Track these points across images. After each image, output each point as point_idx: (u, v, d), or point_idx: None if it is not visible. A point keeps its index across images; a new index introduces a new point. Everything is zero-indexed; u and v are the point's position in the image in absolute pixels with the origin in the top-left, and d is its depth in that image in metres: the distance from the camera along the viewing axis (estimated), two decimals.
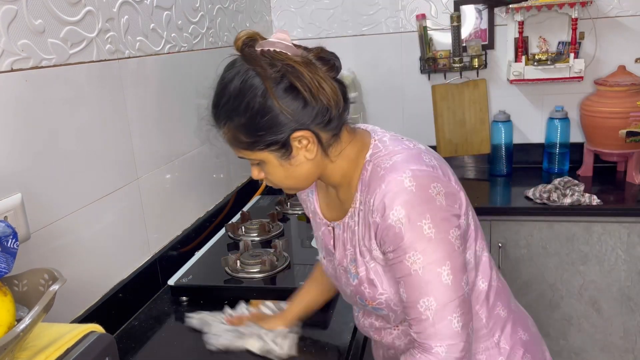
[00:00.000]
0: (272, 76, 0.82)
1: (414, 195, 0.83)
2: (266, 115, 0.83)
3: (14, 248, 0.76)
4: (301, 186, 0.96)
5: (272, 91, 0.82)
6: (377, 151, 0.91)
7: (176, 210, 1.59)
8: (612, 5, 2.15)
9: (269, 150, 0.87)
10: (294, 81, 0.82)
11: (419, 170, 0.86)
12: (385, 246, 0.87)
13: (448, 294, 0.84)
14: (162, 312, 1.36)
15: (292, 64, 0.83)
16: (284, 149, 0.87)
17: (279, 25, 2.46)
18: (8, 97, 0.99)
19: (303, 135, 0.86)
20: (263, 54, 0.84)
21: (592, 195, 1.90)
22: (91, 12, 1.20)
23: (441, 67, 2.28)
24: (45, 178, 1.07)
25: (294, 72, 0.82)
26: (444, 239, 0.84)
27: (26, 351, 0.73)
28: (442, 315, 0.84)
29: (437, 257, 0.83)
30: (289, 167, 0.90)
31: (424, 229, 0.83)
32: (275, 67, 0.82)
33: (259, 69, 0.82)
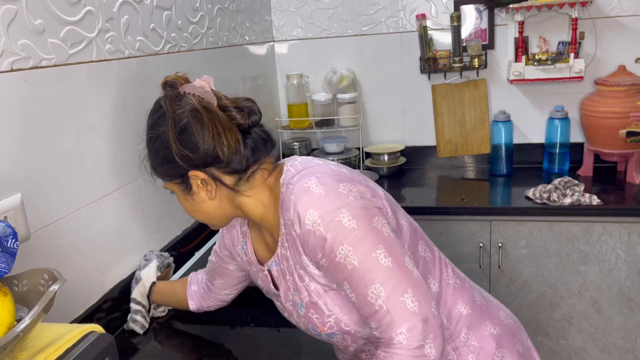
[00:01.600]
0: (176, 116, 0.88)
1: (324, 196, 0.84)
2: (164, 149, 0.90)
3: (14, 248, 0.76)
4: (214, 222, 1.00)
5: (170, 129, 0.88)
6: (289, 174, 0.92)
7: (176, 210, 1.59)
8: (612, 5, 2.15)
9: (172, 182, 0.95)
10: (193, 124, 0.87)
11: (324, 174, 0.88)
12: (314, 254, 0.86)
13: (393, 275, 0.80)
14: None
15: (198, 108, 0.87)
16: (184, 185, 0.93)
17: (279, 25, 2.46)
18: (8, 97, 0.99)
19: (198, 176, 0.90)
20: (179, 95, 0.90)
21: (593, 196, 1.90)
22: (91, 12, 1.20)
23: (441, 67, 2.28)
24: (45, 178, 1.07)
25: (196, 117, 0.87)
26: (368, 226, 0.83)
27: (26, 351, 0.73)
28: (394, 298, 0.80)
29: (367, 244, 0.81)
30: (192, 202, 0.95)
31: (344, 222, 0.82)
32: (181, 108, 0.88)
33: (168, 108, 0.89)
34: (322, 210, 0.83)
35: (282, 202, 0.90)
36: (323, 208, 0.83)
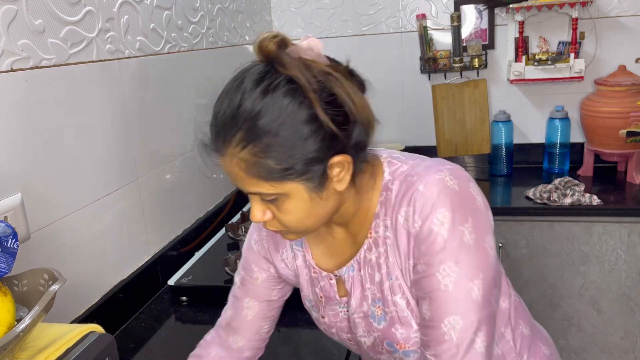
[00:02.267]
0: (314, 87, 0.68)
1: (458, 195, 0.73)
2: (307, 134, 0.68)
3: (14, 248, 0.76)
4: (315, 228, 0.80)
5: (316, 104, 0.67)
6: (396, 167, 0.80)
7: (176, 210, 1.59)
8: (612, 5, 2.14)
9: (301, 179, 0.70)
10: (339, 93, 0.69)
11: (456, 168, 0.76)
12: (418, 257, 0.75)
13: (475, 311, 0.73)
14: (162, 312, 1.36)
15: (332, 73, 0.70)
16: (319, 179, 0.71)
17: (279, 25, 2.46)
18: (8, 97, 0.99)
19: (341, 161, 0.71)
20: (298, 60, 0.70)
21: (593, 195, 1.90)
22: (91, 12, 1.20)
23: (441, 67, 2.28)
24: (45, 178, 1.07)
25: (337, 83, 0.69)
26: (481, 247, 0.73)
27: (26, 351, 0.73)
28: (466, 334, 0.73)
29: (471, 268, 0.72)
30: (317, 203, 0.73)
31: (465, 235, 0.72)
32: (314, 76, 0.69)
33: (299, 77, 0.68)
34: (453, 214, 0.72)
35: (389, 201, 0.77)
36: (455, 211, 0.72)
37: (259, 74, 0.70)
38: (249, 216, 1.77)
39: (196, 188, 1.72)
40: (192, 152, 1.67)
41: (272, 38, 0.71)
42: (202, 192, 1.77)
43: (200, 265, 1.49)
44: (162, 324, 1.31)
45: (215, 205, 1.84)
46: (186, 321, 1.33)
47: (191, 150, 1.68)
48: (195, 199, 1.71)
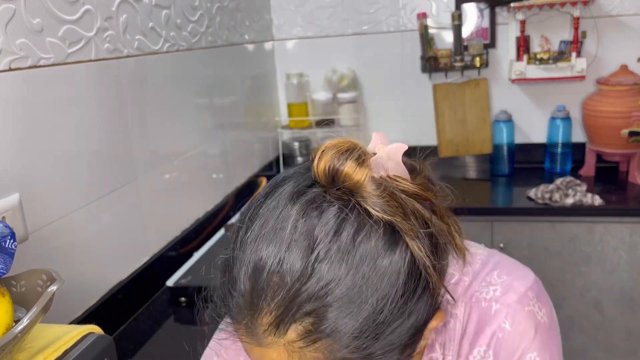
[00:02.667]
0: (414, 229, 0.47)
1: (548, 331, 0.61)
2: (407, 300, 0.46)
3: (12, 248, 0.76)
4: None
5: (422, 253, 0.46)
6: (454, 282, 0.60)
7: (175, 211, 1.59)
8: (614, 4, 2.14)
9: (410, 349, 0.50)
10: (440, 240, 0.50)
11: (537, 285, 0.61)
12: None
13: None
14: (161, 313, 1.35)
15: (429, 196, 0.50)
16: (412, 346, 0.50)
17: (279, 23, 2.45)
18: (6, 96, 0.98)
19: (439, 318, 0.53)
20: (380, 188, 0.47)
21: (594, 196, 1.90)
22: (90, 11, 1.20)
23: (442, 66, 2.28)
24: (43, 178, 1.07)
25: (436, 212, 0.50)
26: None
27: (24, 352, 0.72)
28: None
29: None
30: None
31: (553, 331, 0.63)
32: (408, 214, 0.47)
33: (398, 220, 0.46)
34: (544, 354, 0.60)
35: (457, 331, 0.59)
36: (545, 349, 0.60)
37: (334, 217, 0.45)
38: None
39: (195, 188, 1.71)
40: (192, 151, 1.67)
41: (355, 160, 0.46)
42: (202, 192, 1.76)
43: (199, 266, 1.49)
44: (161, 324, 1.30)
45: (215, 205, 1.83)
46: (185, 322, 1.32)
47: (191, 150, 1.67)
48: (194, 199, 1.71)
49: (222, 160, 1.91)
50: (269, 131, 2.41)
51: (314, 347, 0.44)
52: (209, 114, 1.82)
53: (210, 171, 1.82)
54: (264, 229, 0.46)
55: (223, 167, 1.92)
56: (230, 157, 1.97)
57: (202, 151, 1.74)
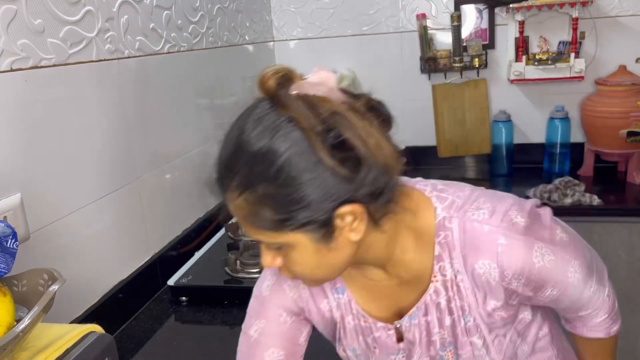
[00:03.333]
0: (317, 129, 0.61)
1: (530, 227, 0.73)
2: (308, 182, 0.61)
3: (14, 248, 0.76)
4: (331, 277, 0.76)
5: (319, 148, 0.60)
6: (448, 204, 0.75)
7: (176, 210, 1.59)
8: (612, 5, 2.14)
9: (303, 230, 0.64)
10: (348, 135, 0.62)
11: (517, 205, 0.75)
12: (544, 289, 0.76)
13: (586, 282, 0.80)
14: (162, 312, 1.36)
15: (341, 112, 0.62)
16: (325, 229, 0.64)
17: (279, 24, 2.45)
18: (7, 97, 0.98)
19: (351, 211, 0.64)
20: (301, 99, 0.63)
21: (593, 196, 1.90)
22: (91, 11, 1.20)
23: (441, 66, 2.28)
24: (44, 178, 1.07)
25: (346, 124, 0.62)
26: (570, 233, 0.79)
27: (26, 351, 0.73)
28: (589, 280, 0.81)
29: (570, 258, 0.76)
30: (326, 254, 0.67)
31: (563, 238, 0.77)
32: (319, 116, 0.62)
33: (300, 119, 0.61)
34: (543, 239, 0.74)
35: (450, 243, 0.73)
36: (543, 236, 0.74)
37: (260, 114, 0.64)
38: None
39: (196, 188, 1.72)
40: (192, 151, 1.67)
41: (273, 74, 0.64)
42: (202, 192, 1.76)
43: (200, 266, 1.49)
44: (161, 324, 1.31)
45: (215, 205, 1.84)
46: (186, 321, 1.33)
47: (191, 150, 1.68)
48: (195, 198, 1.71)
49: None
50: None
51: (242, 199, 0.64)
52: (210, 114, 1.82)
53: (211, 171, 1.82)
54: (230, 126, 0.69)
55: None
56: None
57: (203, 151, 1.75)
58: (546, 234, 0.74)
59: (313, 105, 0.63)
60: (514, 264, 0.72)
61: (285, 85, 0.64)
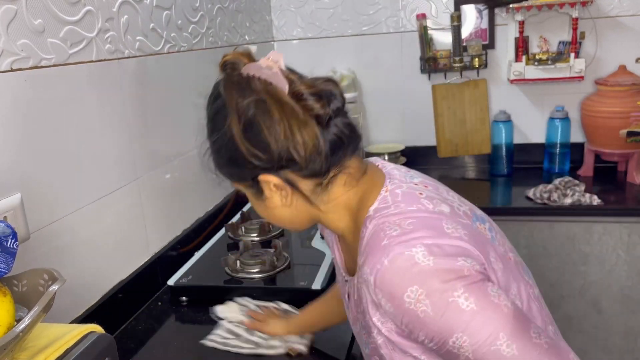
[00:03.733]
0: (240, 107, 0.72)
1: (432, 271, 0.66)
2: (229, 149, 0.75)
3: (14, 248, 0.76)
4: (294, 227, 0.84)
5: (235, 125, 0.72)
6: (384, 207, 0.75)
7: (176, 210, 1.59)
8: (612, 5, 2.14)
9: (240, 184, 0.81)
10: (260, 119, 0.71)
11: (436, 245, 0.68)
12: (413, 332, 0.69)
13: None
14: (162, 312, 1.36)
15: (266, 98, 0.71)
16: (255, 188, 0.78)
17: (279, 24, 2.46)
18: (7, 97, 0.98)
19: (271, 181, 0.75)
20: (241, 80, 0.73)
21: (593, 196, 1.90)
22: (91, 11, 1.20)
23: (441, 66, 2.28)
24: (44, 178, 1.07)
25: (263, 109, 0.71)
26: (487, 303, 0.66)
27: (25, 351, 0.72)
28: None
29: (487, 331, 0.65)
30: (266, 207, 0.80)
31: (460, 303, 0.65)
32: (247, 98, 0.72)
33: (228, 97, 0.73)
34: (430, 289, 0.65)
35: (363, 241, 0.74)
36: (432, 287, 0.65)
37: (214, 88, 0.79)
38: (249, 216, 1.78)
39: (196, 188, 1.72)
40: (192, 151, 1.67)
41: (225, 58, 0.76)
42: (202, 192, 1.77)
43: (200, 266, 1.49)
44: (162, 324, 1.31)
45: (215, 205, 1.84)
46: (186, 321, 1.33)
47: (191, 150, 1.68)
48: (195, 199, 1.71)
49: None
50: None
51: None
52: None
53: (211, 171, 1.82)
54: None
55: None
56: None
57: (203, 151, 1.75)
58: (438, 288, 0.65)
59: (248, 87, 0.73)
60: (385, 287, 0.68)
61: (233, 67, 0.76)
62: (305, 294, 1.31)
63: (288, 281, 1.38)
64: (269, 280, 1.39)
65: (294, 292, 1.33)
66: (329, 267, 1.40)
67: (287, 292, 1.34)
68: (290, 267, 1.44)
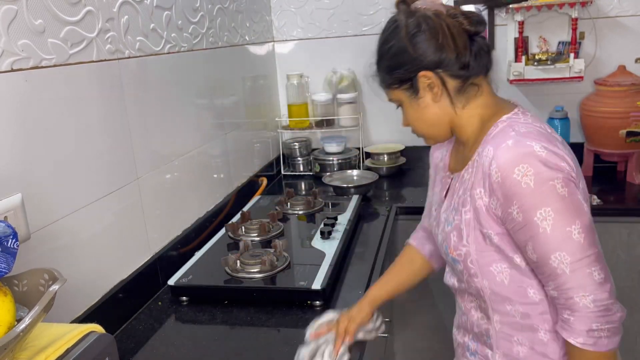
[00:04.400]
0: (410, 23, 0.97)
1: (543, 159, 0.87)
2: (400, 54, 0.98)
3: (14, 248, 0.76)
4: (435, 132, 1.06)
5: (405, 35, 0.96)
6: (516, 118, 0.97)
7: (176, 210, 1.59)
8: (612, 5, 2.15)
9: (400, 88, 1.01)
10: (425, 29, 0.96)
11: (549, 148, 0.88)
12: (506, 202, 0.90)
13: (581, 250, 0.86)
14: (162, 312, 1.36)
15: (429, 15, 0.96)
16: (412, 88, 1.00)
17: (279, 25, 2.46)
18: (8, 97, 0.99)
19: (427, 76, 0.97)
20: (410, 10, 0.98)
21: (592, 196, 1.90)
22: (91, 12, 1.20)
23: None
24: (45, 178, 1.07)
25: (427, 22, 0.96)
26: (574, 199, 0.87)
27: (26, 351, 0.73)
28: (580, 267, 0.86)
29: (568, 215, 0.86)
30: (417, 108, 1.02)
31: (557, 187, 0.86)
32: (413, 17, 0.97)
33: (402, 18, 0.98)
34: (538, 170, 0.86)
35: (490, 135, 0.96)
36: (540, 168, 0.86)
37: (390, 18, 1.03)
38: (249, 216, 1.78)
39: (196, 188, 1.72)
40: (192, 151, 1.68)
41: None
42: (202, 192, 1.77)
43: (200, 265, 1.49)
44: (162, 323, 1.31)
45: (215, 205, 1.84)
46: (186, 321, 1.33)
47: (191, 150, 1.68)
48: (195, 199, 1.71)
49: (223, 160, 1.92)
50: (270, 131, 2.42)
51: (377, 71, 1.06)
52: (210, 114, 1.82)
53: (211, 171, 1.83)
54: None
55: (224, 167, 1.93)
56: (231, 157, 1.97)
57: (203, 151, 1.75)
58: (547, 176, 0.86)
59: (414, 13, 0.98)
60: (502, 159, 0.89)
61: (405, 2, 1.00)
62: (305, 294, 1.31)
63: (288, 281, 1.38)
64: (269, 280, 1.39)
65: (294, 292, 1.33)
66: (329, 266, 1.41)
67: (286, 292, 1.35)
68: (290, 267, 1.44)
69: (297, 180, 2.44)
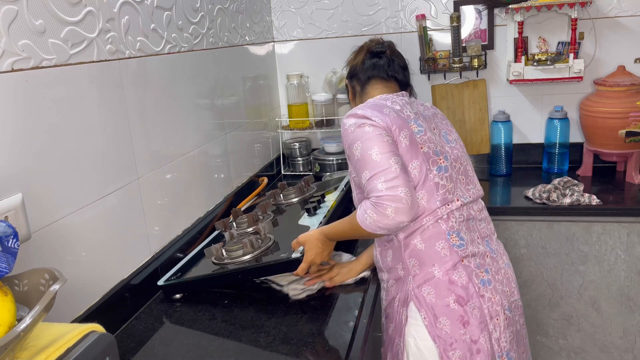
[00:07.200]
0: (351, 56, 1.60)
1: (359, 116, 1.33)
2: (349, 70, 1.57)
3: (15, 248, 0.77)
4: None
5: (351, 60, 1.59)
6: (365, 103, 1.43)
7: (176, 210, 1.60)
8: (611, 6, 2.15)
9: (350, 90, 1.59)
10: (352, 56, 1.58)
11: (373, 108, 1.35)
12: (348, 151, 1.32)
13: (376, 166, 1.22)
14: (162, 312, 1.36)
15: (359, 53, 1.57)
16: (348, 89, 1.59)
17: (279, 25, 2.46)
18: (8, 97, 0.99)
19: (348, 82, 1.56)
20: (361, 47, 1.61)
21: (592, 195, 1.91)
22: (92, 12, 1.21)
23: (441, 67, 2.29)
24: (45, 178, 1.08)
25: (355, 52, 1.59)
26: (377, 134, 1.26)
27: (26, 351, 0.73)
28: (372, 179, 1.22)
29: (370, 144, 1.25)
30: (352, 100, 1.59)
31: (365, 129, 1.28)
32: None
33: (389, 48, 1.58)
34: (353, 123, 1.32)
35: None
36: (354, 122, 1.32)
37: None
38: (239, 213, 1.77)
39: (196, 188, 1.72)
40: (193, 151, 1.68)
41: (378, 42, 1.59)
42: (202, 192, 1.77)
43: (189, 264, 1.52)
44: (162, 323, 1.31)
45: (215, 205, 1.84)
46: (186, 321, 1.33)
47: (191, 150, 1.68)
48: (195, 198, 1.72)
49: (223, 160, 1.92)
50: (270, 131, 2.42)
51: None
52: (210, 114, 1.83)
53: (211, 171, 1.83)
54: None
55: (224, 167, 1.93)
56: (231, 157, 1.98)
57: (203, 151, 1.75)
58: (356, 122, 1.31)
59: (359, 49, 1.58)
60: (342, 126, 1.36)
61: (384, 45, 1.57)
62: (286, 264, 1.34)
63: (272, 257, 1.41)
64: (254, 261, 1.40)
65: (276, 265, 1.37)
66: None
67: (269, 267, 1.37)
68: (276, 246, 1.47)
69: (297, 180, 2.44)
